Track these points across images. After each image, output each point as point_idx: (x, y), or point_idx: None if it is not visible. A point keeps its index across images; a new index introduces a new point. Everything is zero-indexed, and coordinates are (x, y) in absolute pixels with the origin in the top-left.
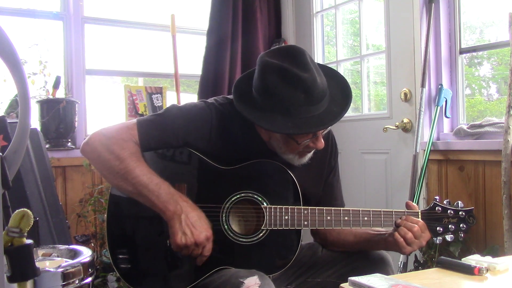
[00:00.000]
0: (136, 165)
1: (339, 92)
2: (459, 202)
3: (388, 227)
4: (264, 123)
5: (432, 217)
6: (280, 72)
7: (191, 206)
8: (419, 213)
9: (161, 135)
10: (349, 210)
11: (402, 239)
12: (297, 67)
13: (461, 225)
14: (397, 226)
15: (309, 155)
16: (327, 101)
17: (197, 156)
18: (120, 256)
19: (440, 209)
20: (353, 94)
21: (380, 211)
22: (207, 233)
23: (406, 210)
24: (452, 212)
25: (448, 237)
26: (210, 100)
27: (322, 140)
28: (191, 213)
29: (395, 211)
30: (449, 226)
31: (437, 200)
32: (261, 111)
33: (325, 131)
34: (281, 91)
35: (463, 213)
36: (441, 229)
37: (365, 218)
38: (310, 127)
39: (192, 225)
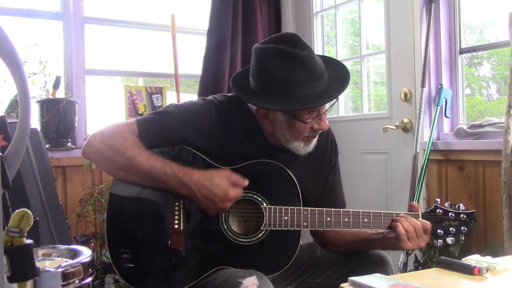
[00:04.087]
0: (137, 153)
1: (336, 74)
2: (461, 204)
3: (388, 229)
4: (269, 105)
5: (433, 220)
6: (279, 53)
7: (199, 179)
8: (420, 215)
9: (161, 133)
10: (349, 211)
11: (404, 232)
12: (294, 47)
13: (462, 228)
14: (396, 221)
15: (314, 141)
16: (326, 80)
17: (197, 155)
18: (120, 256)
19: (441, 211)
20: (353, 94)
21: (381, 213)
22: (227, 195)
23: (407, 212)
24: (453, 214)
25: (449, 240)
26: (209, 97)
27: (326, 121)
28: (202, 188)
29: (395, 213)
30: (450, 228)
31: (438, 202)
32: (263, 96)
33: (329, 107)
34: (282, 71)
35: (464, 216)
36: (441, 231)
37: (365, 220)
38: (314, 102)
39: (210, 197)
